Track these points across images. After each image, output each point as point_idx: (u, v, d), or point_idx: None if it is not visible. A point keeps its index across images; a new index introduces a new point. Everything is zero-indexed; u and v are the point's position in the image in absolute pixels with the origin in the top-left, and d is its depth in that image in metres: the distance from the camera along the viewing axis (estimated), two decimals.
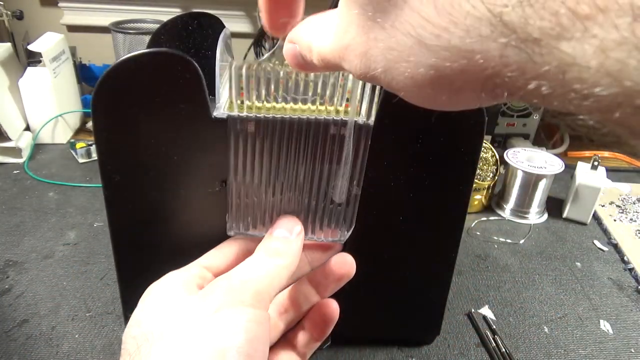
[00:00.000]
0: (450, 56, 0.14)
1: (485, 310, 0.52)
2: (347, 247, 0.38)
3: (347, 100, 0.36)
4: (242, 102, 0.32)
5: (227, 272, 0.29)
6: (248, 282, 0.28)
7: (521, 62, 0.13)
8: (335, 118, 0.32)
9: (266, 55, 0.93)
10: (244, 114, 0.32)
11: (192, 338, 0.25)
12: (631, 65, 0.11)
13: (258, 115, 0.32)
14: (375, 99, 0.33)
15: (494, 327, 0.49)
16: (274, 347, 0.33)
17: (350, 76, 0.35)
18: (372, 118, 0.33)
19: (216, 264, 0.33)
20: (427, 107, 0.17)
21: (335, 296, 0.35)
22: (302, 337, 0.34)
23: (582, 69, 0.12)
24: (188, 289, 0.29)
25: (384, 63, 0.16)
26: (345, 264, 0.34)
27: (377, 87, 0.32)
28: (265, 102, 0.33)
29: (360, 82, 0.32)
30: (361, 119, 0.33)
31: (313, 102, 0.34)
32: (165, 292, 0.29)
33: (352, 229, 0.36)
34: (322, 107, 0.34)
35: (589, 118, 0.13)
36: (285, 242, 0.31)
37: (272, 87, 0.32)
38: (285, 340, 0.34)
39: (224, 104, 0.34)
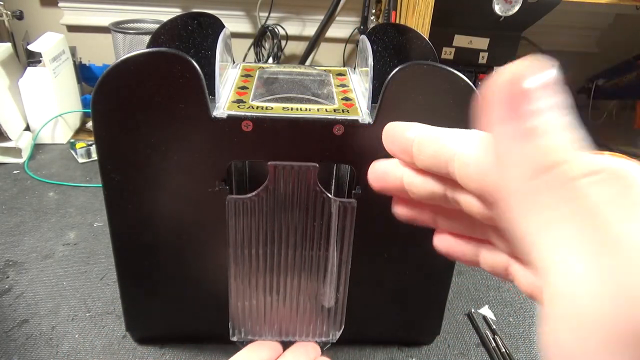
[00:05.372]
0: None
1: (485, 310, 0.52)
2: (348, 247, 0.38)
3: (347, 99, 0.36)
4: (241, 102, 0.32)
5: None
6: None
7: None
8: (336, 117, 0.32)
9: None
10: (243, 113, 0.32)
11: None
12: None
13: (256, 115, 0.32)
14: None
15: (494, 327, 0.49)
16: None
17: (351, 76, 0.35)
18: (372, 119, 0.33)
19: None
20: None
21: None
22: None
23: None
24: None
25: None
26: None
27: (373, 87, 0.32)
28: (263, 102, 0.33)
29: (363, 82, 0.32)
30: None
31: (308, 102, 0.34)
32: None
33: (341, 329, 0.38)
34: (320, 107, 0.34)
35: None
36: None
37: (271, 87, 0.32)
38: None
39: (224, 104, 0.34)
